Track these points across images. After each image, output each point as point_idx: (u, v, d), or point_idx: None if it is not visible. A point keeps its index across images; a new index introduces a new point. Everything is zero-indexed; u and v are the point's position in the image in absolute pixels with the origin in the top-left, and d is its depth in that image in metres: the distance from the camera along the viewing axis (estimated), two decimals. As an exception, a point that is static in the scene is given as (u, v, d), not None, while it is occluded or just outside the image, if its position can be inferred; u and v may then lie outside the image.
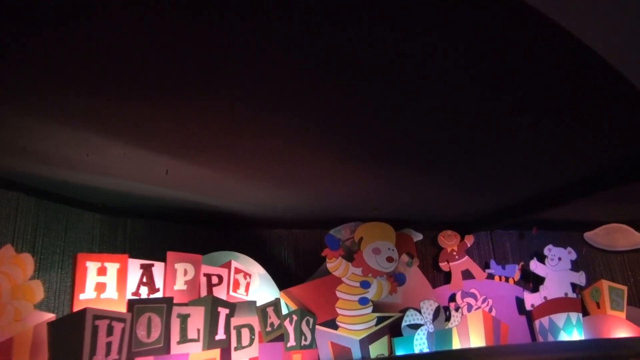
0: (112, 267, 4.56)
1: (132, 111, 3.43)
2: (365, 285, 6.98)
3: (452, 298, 7.66)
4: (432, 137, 4.27)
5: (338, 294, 6.86)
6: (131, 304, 4.27)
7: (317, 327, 6.47)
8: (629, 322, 7.88)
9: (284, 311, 6.11)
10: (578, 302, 7.94)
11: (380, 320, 6.94)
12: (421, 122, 3.94)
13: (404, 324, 6.81)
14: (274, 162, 4.66)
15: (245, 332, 5.21)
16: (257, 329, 5.34)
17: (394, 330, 6.89)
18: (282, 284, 6.63)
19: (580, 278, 8.08)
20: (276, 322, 5.66)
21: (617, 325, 7.82)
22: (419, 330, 6.82)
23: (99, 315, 3.84)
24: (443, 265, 7.89)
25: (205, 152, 4.33)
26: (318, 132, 4.02)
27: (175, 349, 4.48)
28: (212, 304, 4.88)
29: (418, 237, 7.79)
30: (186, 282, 5.16)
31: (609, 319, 7.83)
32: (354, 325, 6.79)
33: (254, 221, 7.09)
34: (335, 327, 6.73)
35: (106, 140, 3.86)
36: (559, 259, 8.08)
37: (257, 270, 6.46)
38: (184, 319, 4.61)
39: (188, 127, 3.75)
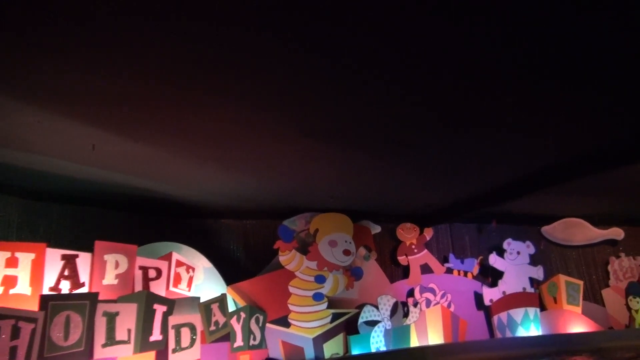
0: (26, 258, 3.88)
1: (47, 67, 2.78)
2: (320, 279, 6.53)
3: (411, 293, 7.33)
4: (394, 122, 3.87)
5: (291, 289, 6.38)
6: (45, 300, 3.60)
7: (268, 325, 5.96)
8: (584, 317, 7.84)
9: (231, 308, 5.58)
10: (536, 297, 7.80)
11: (335, 317, 6.51)
12: (384, 106, 3.54)
13: (360, 320, 6.41)
14: (223, 141, 4.10)
15: (185, 332, 4.63)
16: (199, 328, 4.79)
17: (350, 327, 6.47)
18: (230, 279, 6.08)
19: (538, 272, 7.96)
20: (221, 320, 5.11)
21: (574, 320, 7.75)
22: (376, 327, 6.44)
23: (1, 314, 3.19)
24: (401, 259, 7.55)
25: (141, 125, 3.70)
26: (273, 107, 3.51)
27: (100, 352, 3.86)
28: (147, 301, 4.28)
29: (376, 229, 7.41)
30: (117, 276, 4.53)
31: (566, 314, 7.76)
32: (307, 322, 6.32)
33: (200, 210, 6.48)
34: (287, 324, 6.24)
35: (13, 103, 3.19)
36: (518, 253, 7.92)
37: (202, 264, 5.88)
38: (111, 317, 3.98)
39: (118, 92, 3.14)
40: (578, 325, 7.73)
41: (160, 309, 4.41)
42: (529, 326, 7.54)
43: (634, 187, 6.52)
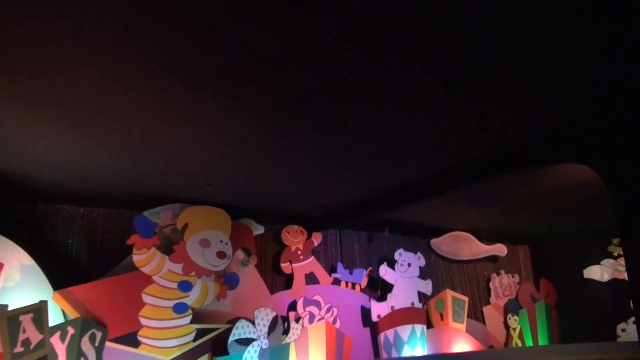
0: None
1: None
2: (185, 287, 5.27)
3: (293, 306, 6.38)
4: (288, 71, 2.90)
5: (145, 297, 5.04)
6: None
7: (108, 344, 4.60)
8: (468, 334, 7.54)
9: (57, 321, 4.12)
10: (423, 313, 7.32)
11: (200, 333, 5.32)
12: (281, 62, 2.72)
13: (232, 338, 5.29)
14: (49, 68, 2.77)
15: (-32, 357, 3.15)
16: (-4, 350, 3.32)
17: (218, 346, 5.34)
18: (61, 281, 4.71)
19: (427, 287, 7.51)
20: (36, 337, 3.74)
21: (458, 338, 7.42)
22: (249, 347, 5.38)
23: None
24: (285, 267, 6.57)
25: None
26: (118, 23, 2.31)
27: None
28: None
29: (259, 230, 6.37)
30: None
31: (451, 332, 7.41)
32: (163, 340, 5.04)
33: (25, 189, 4.89)
34: (136, 343, 4.90)
35: None
36: (409, 264, 7.41)
37: (18, 259, 4.43)
38: None
39: None
40: (462, 344, 7.40)
41: None
42: (415, 344, 7.01)
43: (515, 201, 6.40)
